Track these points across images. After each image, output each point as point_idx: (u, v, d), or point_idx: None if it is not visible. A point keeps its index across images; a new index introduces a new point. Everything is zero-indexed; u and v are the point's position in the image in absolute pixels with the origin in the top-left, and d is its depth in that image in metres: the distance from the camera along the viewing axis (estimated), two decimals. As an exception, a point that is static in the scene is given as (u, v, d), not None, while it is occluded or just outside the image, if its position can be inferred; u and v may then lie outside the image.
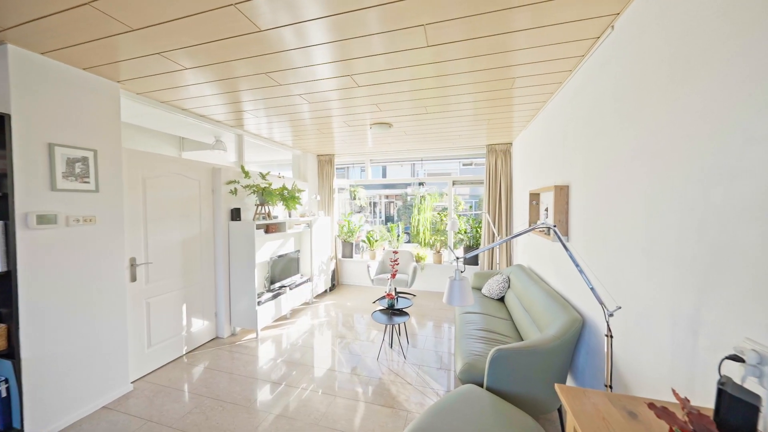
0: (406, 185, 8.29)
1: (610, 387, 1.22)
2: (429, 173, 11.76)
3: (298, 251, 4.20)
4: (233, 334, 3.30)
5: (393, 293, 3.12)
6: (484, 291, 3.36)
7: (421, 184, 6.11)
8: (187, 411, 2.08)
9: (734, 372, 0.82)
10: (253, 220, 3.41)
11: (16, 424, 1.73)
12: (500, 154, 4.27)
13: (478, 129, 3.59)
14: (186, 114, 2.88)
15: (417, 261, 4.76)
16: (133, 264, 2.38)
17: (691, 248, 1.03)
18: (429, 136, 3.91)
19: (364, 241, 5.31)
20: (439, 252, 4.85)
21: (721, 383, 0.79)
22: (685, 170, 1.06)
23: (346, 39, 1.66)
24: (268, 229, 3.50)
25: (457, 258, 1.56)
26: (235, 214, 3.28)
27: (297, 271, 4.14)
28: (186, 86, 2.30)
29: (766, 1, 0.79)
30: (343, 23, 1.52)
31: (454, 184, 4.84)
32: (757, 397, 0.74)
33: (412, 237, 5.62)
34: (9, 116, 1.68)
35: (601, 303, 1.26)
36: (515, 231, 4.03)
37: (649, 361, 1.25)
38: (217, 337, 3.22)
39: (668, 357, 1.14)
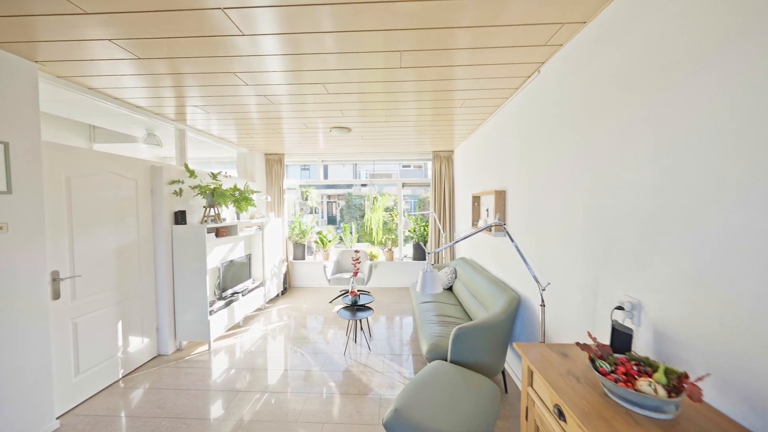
0: (350, 185, 8.44)
1: (544, 342, 1.63)
2: (371, 174, 12.09)
3: (249, 255, 3.99)
4: (179, 350, 2.99)
5: (356, 291, 3.26)
6: (435, 282, 3.76)
7: (363, 185, 6.31)
8: (143, 436, 1.88)
9: (619, 317, 1.24)
10: (201, 223, 3.14)
11: None
12: (444, 160, 4.79)
13: (425, 137, 3.99)
14: (118, 103, 2.52)
15: (371, 259, 4.98)
16: (55, 278, 2.00)
17: (591, 239, 1.48)
18: (382, 141, 4.16)
19: (316, 242, 5.29)
20: (390, 250, 5.15)
21: (612, 324, 1.20)
22: (587, 184, 1.51)
23: (299, 33, 1.77)
24: (218, 232, 3.27)
25: (428, 253, 1.82)
26: (180, 217, 2.98)
27: (249, 276, 3.93)
28: (126, 75, 2.05)
29: (642, 73, 1.23)
30: (299, 40, 1.63)
31: (404, 186, 5.21)
32: (631, 329, 1.16)
33: (362, 236, 5.82)
34: None
35: (537, 281, 1.67)
36: (457, 228, 4.59)
37: (568, 319, 1.71)
38: (159, 355, 2.88)
39: (580, 314, 1.59)
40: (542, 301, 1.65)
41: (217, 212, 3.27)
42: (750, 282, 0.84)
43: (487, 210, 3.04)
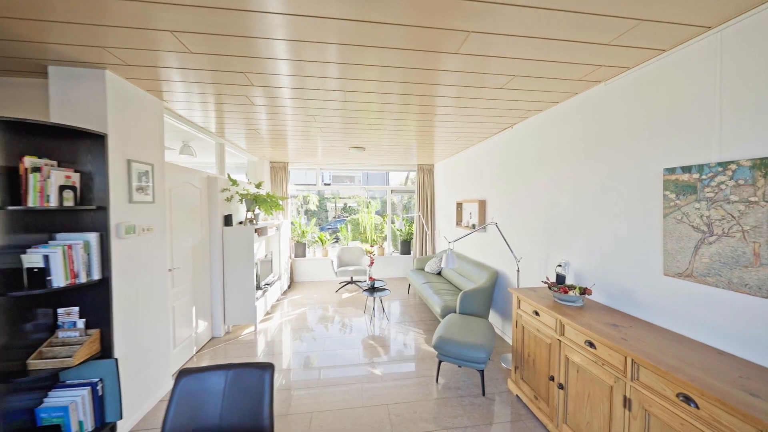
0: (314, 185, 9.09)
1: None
2: (333, 176, 12.89)
3: (271, 252, 4.55)
4: (227, 333, 3.52)
5: (373, 276, 4.14)
6: (426, 269, 4.82)
7: (327, 183, 6.97)
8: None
9: (558, 270, 2.42)
10: (244, 225, 3.69)
11: (109, 419, 1.86)
12: (426, 171, 5.90)
13: (411, 153, 5.00)
14: (183, 122, 3.00)
15: (366, 254, 5.84)
16: (170, 270, 2.52)
17: (544, 232, 2.66)
18: (377, 155, 5.07)
19: (316, 241, 5.95)
20: (381, 247, 6.08)
21: (556, 272, 2.36)
22: (543, 202, 2.68)
23: (305, 63, 2.67)
24: (257, 232, 3.84)
25: (450, 242, 2.83)
26: (228, 220, 3.51)
27: (271, 270, 4.49)
28: (195, 102, 2.51)
29: (568, 149, 2.42)
30: (302, 48, 2.53)
31: (392, 192, 6.18)
32: (564, 275, 2.34)
33: (351, 236, 6.63)
34: (106, 136, 1.83)
35: (515, 257, 2.81)
36: (437, 227, 5.74)
37: (530, 275, 2.88)
38: (213, 337, 3.39)
39: (538, 271, 2.77)
40: (518, 268, 2.80)
41: (254, 215, 3.84)
42: (606, 249, 2.02)
43: (470, 213, 4.19)
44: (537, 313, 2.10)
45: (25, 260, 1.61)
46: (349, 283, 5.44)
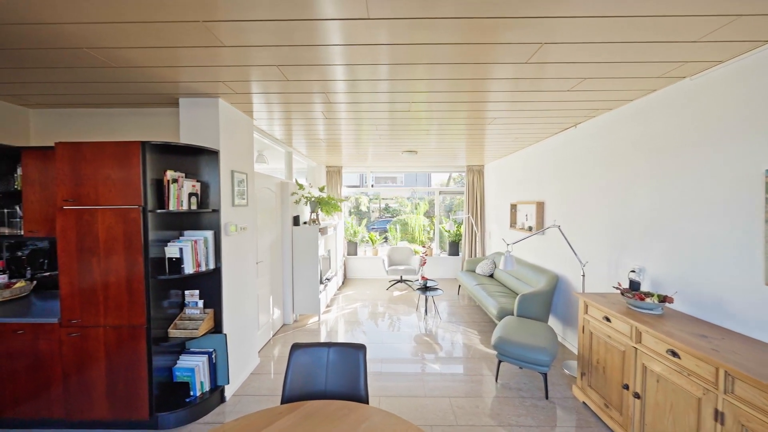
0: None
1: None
2: (379, 177, 13.15)
3: (329, 250, 4.95)
4: (295, 321, 3.94)
5: (425, 276, 4.28)
6: (477, 271, 4.81)
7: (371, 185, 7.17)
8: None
9: (632, 276, 2.31)
10: (309, 225, 4.10)
11: (220, 383, 2.28)
12: (476, 172, 5.85)
13: (459, 155, 4.98)
14: (260, 133, 3.45)
15: (415, 254, 5.99)
16: (257, 263, 2.95)
17: (613, 235, 2.54)
18: (427, 157, 5.17)
19: (366, 241, 6.27)
20: (430, 247, 6.18)
21: (630, 279, 2.26)
22: (607, 202, 2.57)
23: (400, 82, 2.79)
24: (321, 231, 4.22)
25: (508, 244, 2.85)
26: (296, 220, 3.93)
27: (329, 266, 4.88)
28: (271, 111, 2.88)
29: (646, 146, 2.30)
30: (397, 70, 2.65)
31: (440, 193, 6.25)
32: (639, 281, 2.23)
33: (400, 236, 6.82)
34: (219, 151, 2.25)
35: (580, 260, 2.73)
36: (488, 229, 5.66)
37: (597, 281, 2.76)
38: (284, 324, 3.83)
39: (608, 278, 2.65)
40: (583, 272, 2.71)
41: (317, 216, 4.23)
42: (693, 255, 1.90)
43: (526, 215, 4.10)
44: (608, 319, 2.05)
45: (167, 251, 2.06)
46: (399, 281, 5.64)
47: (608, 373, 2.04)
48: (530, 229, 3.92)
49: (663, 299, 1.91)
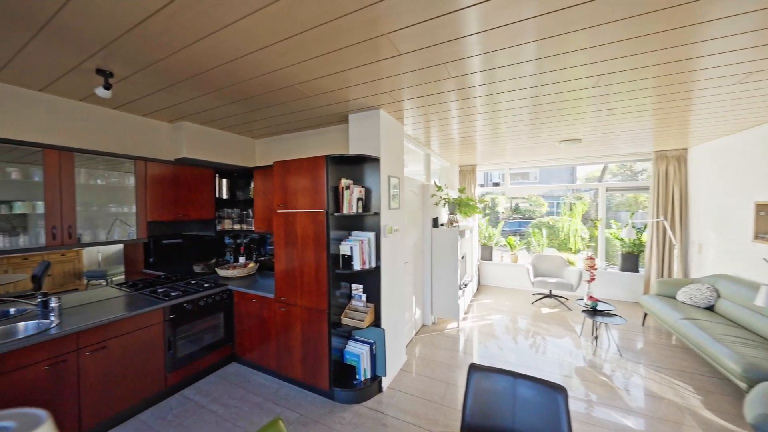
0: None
1: None
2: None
3: (465, 254, 4.72)
4: (434, 323, 3.92)
5: (594, 296, 3.39)
6: (680, 298, 3.43)
7: (495, 183, 6.01)
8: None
9: None
10: (448, 227, 4.00)
11: (378, 373, 2.47)
12: (672, 160, 4.23)
13: (643, 138, 3.60)
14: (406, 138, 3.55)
15: (569, 265, 4.93)
16: (405, 263, 3.08)
17: None
18: (589, 147, 4.06)
19: (503, 245, 5.64)
20: (591, 258, 4.93)
21: None
22: None
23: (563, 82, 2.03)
24: (459, 234, 4.06)
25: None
26: (435, 222, 3.90)
27: (465, 271, 4.65)
28: (416, 116, 2.81)
29: None
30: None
31: (607, 190, 4.89)
32: None
33: (549, 242, 5.76)
34: (380, 159, 2.43)
35: None
36: (698, 240, 3.97)
37: None
38: (424, 325, 3.87)
39: None
40: None
41: (456, 218, 4.08)
42: None
43: (798, 221, 2.58)
44: None
45: (341, 249, 2.37)
46: (547, 296, 4.77)
47: None
48: (811, 244, 2.42)
49: None
